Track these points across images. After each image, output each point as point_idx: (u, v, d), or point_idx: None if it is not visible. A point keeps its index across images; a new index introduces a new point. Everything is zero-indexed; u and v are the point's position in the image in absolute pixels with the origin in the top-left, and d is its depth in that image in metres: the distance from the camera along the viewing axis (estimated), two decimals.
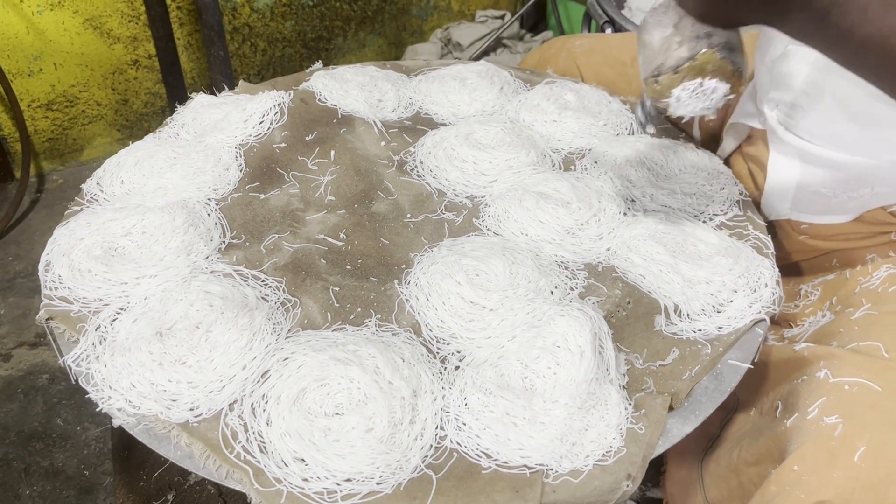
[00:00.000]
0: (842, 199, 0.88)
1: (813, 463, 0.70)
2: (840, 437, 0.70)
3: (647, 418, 0.70)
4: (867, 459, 0.68)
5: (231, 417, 0.70)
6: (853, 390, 0.72)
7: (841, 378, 0.74)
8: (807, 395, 0.75)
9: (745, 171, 1.02)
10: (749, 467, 0.80)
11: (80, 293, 0.81)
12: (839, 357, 0.76)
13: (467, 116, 1.13)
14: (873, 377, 0.72)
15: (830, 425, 0.71)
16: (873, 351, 0.76)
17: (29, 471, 1.42)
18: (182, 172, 0.95)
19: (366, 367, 0.71)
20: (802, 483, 0.69)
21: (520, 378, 0.72)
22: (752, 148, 1.00)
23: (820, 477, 0.69)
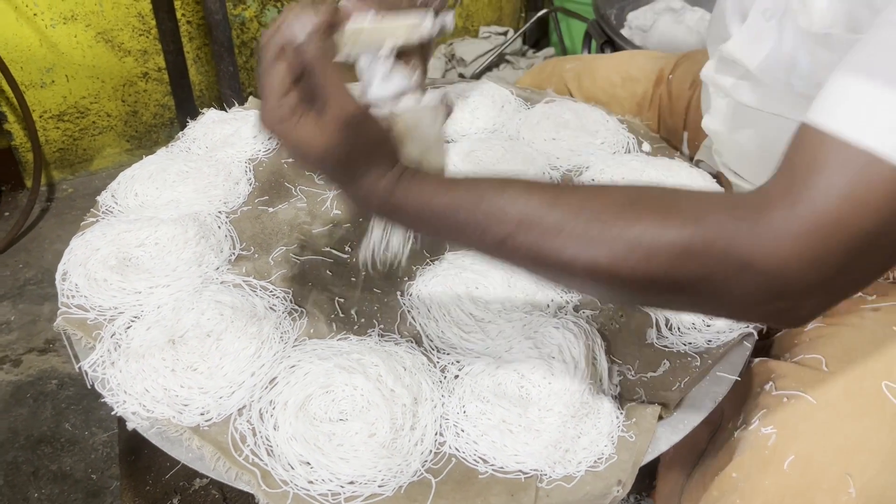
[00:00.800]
0: None
1: (748, 470, 0.73)
2: (773, 446, 0.73)
3: (637, 427, 0.74)
4: (796, 467, 0.71)
5: (240, 422, 0.73)
6: (790, 402, 0.75)
7: (782, 391, 0.77)
8: (753, 407, 0.78)
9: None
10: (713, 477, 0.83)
11: (96, 301, 0.85)
12: (784, 370, 0.79)
13: (469, 134, 1.17)
14: (810, 389, 0.75)
15: (766, 435, 0.74)
16: (815, 364, 0.78)
17: (38, 474, 1.45)
18: (194, 186, 0.99)
19: (369, 375, 0.75)
20: (738, 489, 0.72)
21: (516, 387, 0.75)
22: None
23: (753, 484, 0.72)
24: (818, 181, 0.50)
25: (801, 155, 0.53)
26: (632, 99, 1.21)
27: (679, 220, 0.53)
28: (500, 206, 0.58)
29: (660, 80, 1.20)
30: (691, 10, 1.85)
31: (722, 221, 0.52)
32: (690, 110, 1.14)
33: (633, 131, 1.17)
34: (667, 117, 1.19)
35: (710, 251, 0.52)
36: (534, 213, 0.57)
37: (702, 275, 0.53)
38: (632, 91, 1.22)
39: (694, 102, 1.13)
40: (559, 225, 0.56)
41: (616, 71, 1.24)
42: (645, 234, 0.54)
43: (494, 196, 0.59)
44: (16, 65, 1.98)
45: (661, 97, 1.19)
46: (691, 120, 1.13)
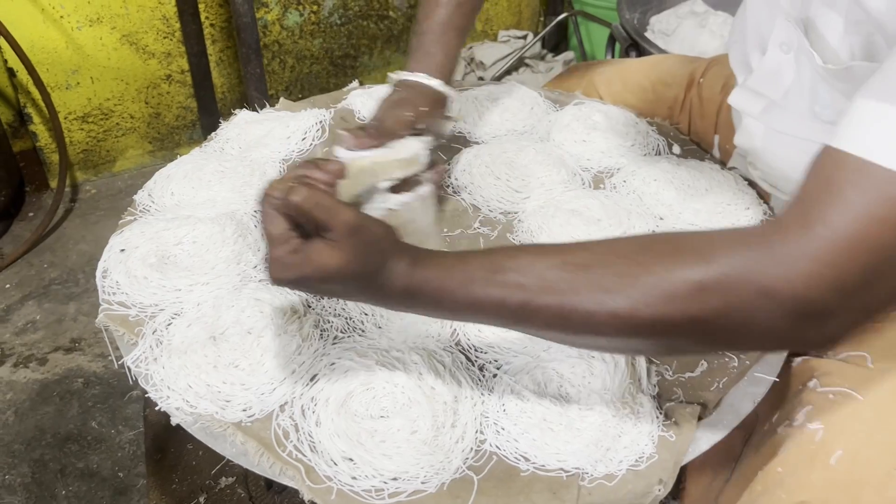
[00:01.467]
0: None
1: (794, 465, 0.74)
2: (820, 441, 0.73)
3: (677, 427, 0.74)
4: (843, 463, 0.72)
5: (282, 418, 0.74)
6: (836, 399, 0.76)
7: (827, 388, 0.77)
8: (797, 405, 0.79)
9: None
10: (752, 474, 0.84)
11: (137, 298, 0.86)
12: (828, 367, 0.79)
13: (499, 135, 1.17)
14: (857, 386, 0.76)
15: (812, 431, 0.74)
16: (860, 361, 0.79)
17: (65, 472, 1.46)
18: (230, 185, 1.00)
19: (409, 373, 0.75)
20: (784, 484, 0.73)
21: (556, 386, 0.76)
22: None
23: (799, 478, 0.72)
24: (836, 201, 0.52)
25: (818, 179, 0.54)
26: (663, 103, 1.22)
27: (692, 257, 0.55)
28: (515, 275, 0.60)
29: (691, 84, 1.20)
30: (714, 14, 1.85)
31: (735, 253, 0.54)
32: (721, 114, 1.14)
33: (663, 133, 1.17)
34: (697, 121, 1.19)
35: (726, 283, 0.54)
36: (550, 275, 0.59)
37: (722, 308, 0.54)
38: (662, 95, 1.22)
39: (725, 106, 1.13)
40: (576, 283, 0.58)
41: (646, 75, 1.24)
42: (660, 276, 0.55)
43: (508, 265, 0.61)
44: (42, 66, 2.00)
45: (693, 101, 1.19)
46: (722, 124, 1.14)
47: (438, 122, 0.98)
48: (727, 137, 1.12)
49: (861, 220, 0.51)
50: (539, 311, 0.60)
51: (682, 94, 1.20)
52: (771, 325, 0.54)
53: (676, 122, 1.21)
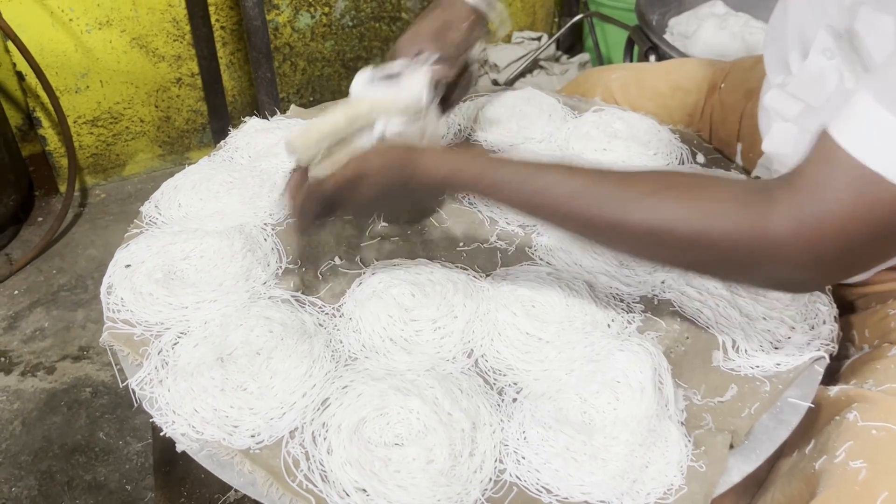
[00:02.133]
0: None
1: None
2: (864, 481, 0.68)
3: (707, 456, 0.70)
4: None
5: (292, 445, 0.70)
6: (880, 435, 0.71)
7: (870, 422, 0.72)
8: (836, 438, 0.74)
9: None
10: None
11: (142, 316, 0.83)
12: (870, 399, 0.75)
13: (516, 144, 1.14)
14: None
15: (855, 469, 0.70)
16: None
17: (72, 484, 1.44)
18: (239, 197, 0.97)
19: (425, 398, 0.72)
20: None
21: (579, 412, 0.72)
22: None
23: None
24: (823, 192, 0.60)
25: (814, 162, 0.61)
26: (682, 109, 1.18)
27: (707, 202, 0.65)
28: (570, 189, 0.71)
29: (712, 90, 1.16)
30: (735, 16, 1.81)
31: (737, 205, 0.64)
32: (744, 120, 1.10)
33: (686, 142, 1.13)
34: (719, 128, 1.15)
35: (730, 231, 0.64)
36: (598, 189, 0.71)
37: (726, 240, 0.64)
38: (682, 101, 1.18)
39: (748, 112, 1.09)
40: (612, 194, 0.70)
41: (665, 80, 1.20)
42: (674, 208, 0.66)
43: (562, 180, 0.72)
44: (51, 70, 1.98)
45: (714, 107, 1.15)
46: (745, 132, 1.09)
47: (477, 45, 0.99)
48: (751, 146, 1.08)
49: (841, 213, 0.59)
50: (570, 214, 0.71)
51: (703, 100, 1.16)
52: (755, 261, 0.64)
53: (697, 130, 1.17)
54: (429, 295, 0.82)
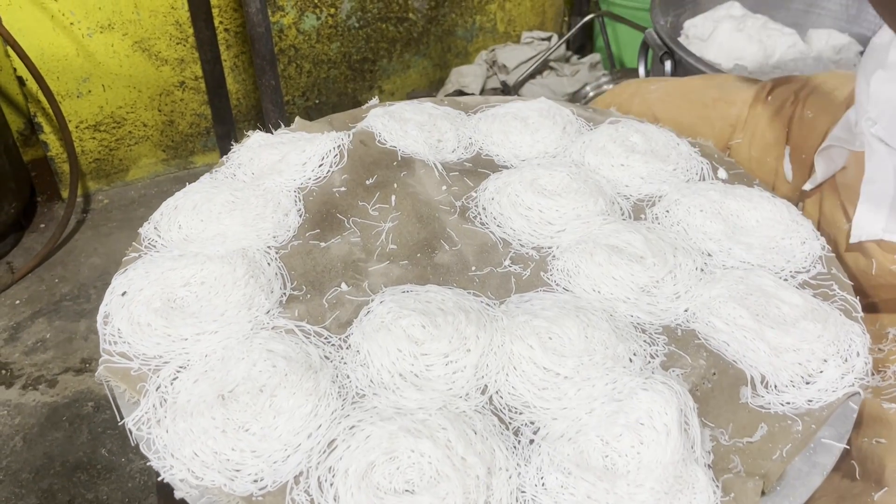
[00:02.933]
0: None
1: None
2: None
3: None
4: None
5: (297, 492, 0.67)
6: None
7: None
8: (894, 467, 0.71)
9: (837, 203, 0.98)
10: None
11: (140, 349, 0.79)
12: None
13: (529, 158, 1.10)
14: None
15: None
16: None
17: (74, 503, 1.40)
18: (241, 219, 0.93)
19: (437, 441, 0.68)
20: None
21: (600, 456, 0.68)
22: (845, 177, 0.97)
23: None
24: None
25: None
26: (724, 120, 1.16)
27: None
28: None
29: (756, 101, 1.14)
30: (753, 18, 1.75)
31: None
32: (794, 124, 1.08)
33: (706, 156, 1.09)
34: (766, 133, 1.13)
35: None
36: None
37: None
38: (724, 112, 1.16)
39: (797, 115, 1.09)
40: None
41: (707, 92, 1.19)
42: None
43: None
44: (52, 75, 1.95)
45: (759, 117, 1.13)
46: (795, 134, 1.08)
47: None
48: (801, 147, 1.08)
49: None
50: None
51: (746, 111, 1.15)
52: None
53: (737, 139, 1.14)
54: (440, 326, 0.78)
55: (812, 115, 1.07)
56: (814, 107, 1.08)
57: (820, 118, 1.06)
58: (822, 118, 1.05)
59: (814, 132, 1.04)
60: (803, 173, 1.06)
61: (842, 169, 0.99)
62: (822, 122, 1.04)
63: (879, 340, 0.93)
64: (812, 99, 1.09)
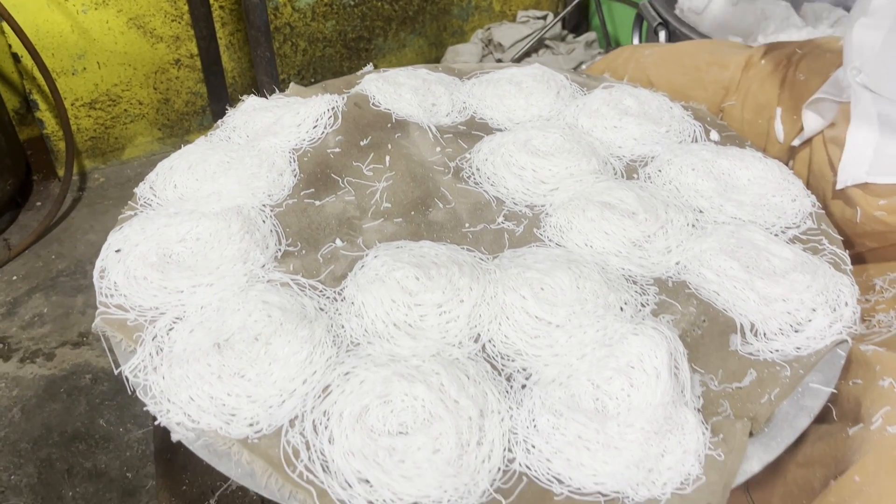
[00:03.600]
0: None
1: (874, 474, 0.68)
2: None
3: (726, 444, 0.67)
4: None
5: (292, 434, 0.68)
6: None
7: None
8: (869, 404, 0.73)
9: (825, 159, 0.99)
10: (798, 468, 0.78)
11: (136, 301, 0.79)
12: None
13: (523, 122, 1.10)
14: None
15: (893, 435, 0.68)
16: None
17: (72, 472, 1.41)
18: (236, 177, 0.94)
19: (430, 385, 0.69)
20: (863, 494, 0.67)
21: (591, 399, 0.69)
22: (834, 132, 0.98)
23: (881, 488, 0.67)
24: None
25: None
26: (718, 83, 1.17)
27: None
28: None
29: (749, 65, 1.16)
30: None
31: None
32: (785, 86, 1.09)
33: (699, 119, 1.10)
34: (758, 95, 1.15)
35: None
36: None
37: None
38: (718, 76, 1.17)
39: (788, 78, 1.11)
40: None
41: (701, 56, 1.21)
42: None
43: None
44: (47, 52, 1.94)
45: (752, 80, 1.14)
46: (786, 96, 1.10)
47: None
48: (792, 108, 1.09)
49: None
50: None
51: (739, 74, 1.16)
52: None
53: (730, 101, 1.15)
54: (433, 278, 0.79)
55: (804, 77, 1.08)
56: (806, 70, 1.09)
57: (811, 80, 1.06)
58: (814, 80, 1.06)
59: (805, 94, 1.05)
60: (794, 134, 1.07)
61: (831, 125, 1.00)
62: (814, 84, 1.05)
63: (866, 291, 0.94)
64: (805, 62, 1.10)
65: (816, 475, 0.76)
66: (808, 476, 0.77)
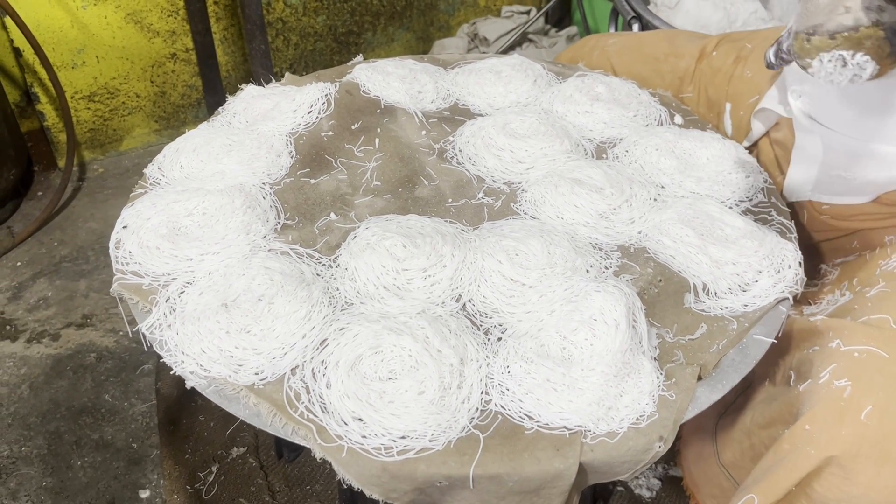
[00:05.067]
0: (860, 183, 0.94)
1: (823, 422, 0.76)
2: (848, 398, 0.75)
3: (677, 386, 0.76)
4: (873, 417, 0.74)
5: (294, 381, 0.76)
6: (862, 357, 0.78)
7: (851, 346, 0.79)
8: (819, 363, 0.81)
9: (772, 157, 1.07)
10: (761, 430, 0.87)
11: (150, 268, 0.88)
12: (850, 328, 0.82)
13: (503, 107, 1.19)
14: (881, 345, 0.78)
15: (840, 388, 0.76)
16: (882, 323, 0.81)
17: (80, 443, 1.49)
18: (238, 158, 1.02)
19: (416, 337, 0.77)
20: (813, 440, 0.75)
21: (559, 348, 0.78)
22: (779, 134, 1.06)
23: (829, 434, 0.75)
24: None
25: None
26: (674, 73, 1.25)
27: None
28: None
29: (702, 56, 1.23)
30: None
31: None
32: (733, 82, 1.17)
33: (665, 104, 1.18)
34: (709, 89, 1.21)
35: None
36: None
37: None
38: (674, 66, 1.25)
39: (737, 74, 1.16)
40: None
41: (660, 46, 1.28)
42: None
43: None
44: (47, 46, 2.01)
45: (704, 71, 1.21)
46: (734, 92, 1.16)
47: None
48: (739, 104, 1.15)
49: None
50: None
51: (693, 65, 1.23)
52: None
53: (686, 92, 1.23)
54: (419, 246, 0.88)
55: (751, 74, 1.15)
56: (753, 66, 1.16)
57: (757, 78, 1.14)
58: (760, 78, 1.14)
59: (752, 91, 1.13)
60: (741, 129, 1.15)
61: (776, 125, 1.08)
62: (760, 82, 1.13)
63: (815, 277, 1.03)
64: (753, 58, 1.17)
65: (778, 433, 0.84)
66: (772, 435, 0.86)
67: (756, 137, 1.11)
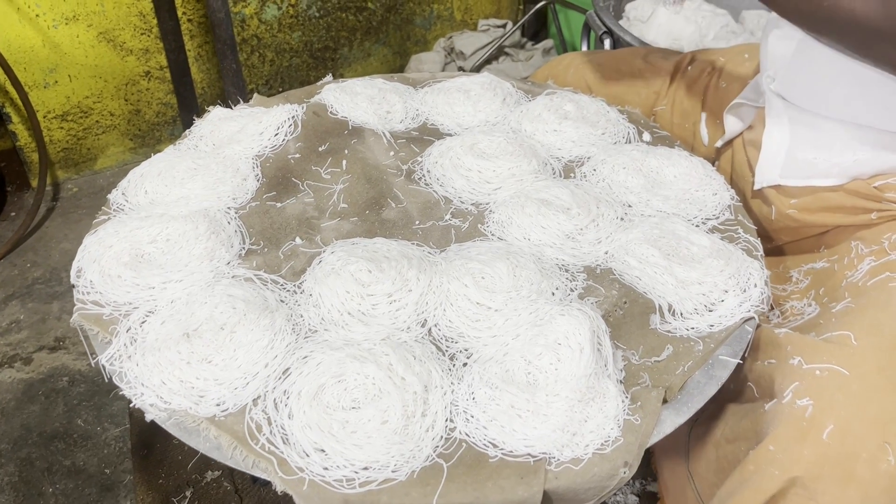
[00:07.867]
0: (826, 165, 0.95)
1: (786, 442, 0.76)
2: (810, 417, 0.75)
3: (642, 410, 0.75)
4: (835, 437, 0.74)
5: (255, 412, 0.75)
6: (823, 375, 0.78)
7: (813, 364, 0.79)
8: (781, 381, 0.82)
9: (745, 160, 1.08)
10: (727, 444, 0.87)
11: (111, 297, 0.86)
12: (812, 345, 0.82)
13: (472, 127, 1.19)
14: (842, 362, 0.79)
15: (802, 407, 0.77)
16: (844, 340, 0.82)
17: (51, 470, 1.47)
18: (203, 183, 1.01)
19: (380, 364, 0.76)
20: (777, 461, 0.75)
21: (524, 373, 0.77)
22: (752, 133, 1.08)
23: (792, 455, 0.75)
24: None
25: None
26: (649, 88, 1.27)
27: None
28: None
29: (677, 71, 1.25)
30: (690, 0, 1.86)
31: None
32: (709, 93, 1.19)
33: (633, 122, 1.19)
34: (684, 101, 1.23)
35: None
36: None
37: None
38: (650, 81, 1.27)
39: (712, 85, 1.19)
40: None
41: (635, 63, 1.30)
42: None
43: None
44: (19, 66, 2.00)
45: (679, 86, 1.23)
46: (710, 103, 1.20)
47: None
48: (715, 114, 1.17)
49: None
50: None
51: (669, 79, 1.25)
52: None
53: (661, 106, 1.24)
54: (384, 270, 0.87)
55: (725, 84, 1.17)
56: (727, 77, 1.19)
57: (732, 87, 1.16)
58: (734, 86, 1.16)
59: (727, 99, 1.15)
60: (717, 137, 1.17)
61: (749, 128, 1.09)
62: (734, 90, 1.15)
63: (784, 282, 1.04)
64: (726, 70, 1.20)
65: (742, 449, 0.85)
66: (736, 450, 0.86)
67: (729, 137, 1.13)
